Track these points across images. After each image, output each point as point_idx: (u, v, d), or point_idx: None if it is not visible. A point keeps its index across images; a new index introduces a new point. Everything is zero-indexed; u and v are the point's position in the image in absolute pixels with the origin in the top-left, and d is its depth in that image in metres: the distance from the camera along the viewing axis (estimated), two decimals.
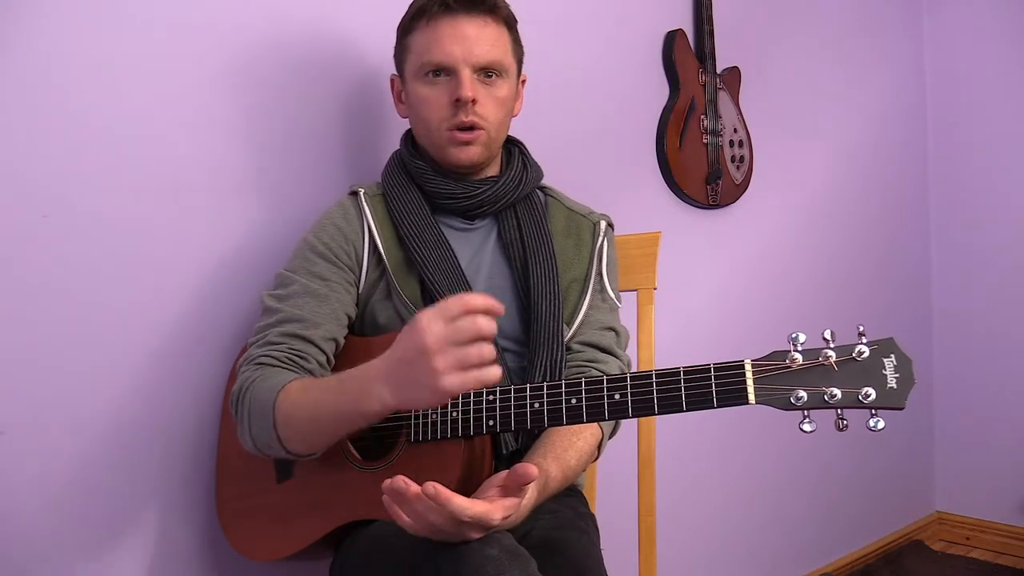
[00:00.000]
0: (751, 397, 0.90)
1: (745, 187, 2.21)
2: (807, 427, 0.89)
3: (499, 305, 0.90)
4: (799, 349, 0.90)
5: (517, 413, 1.00)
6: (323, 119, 1.44)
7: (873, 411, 0.87)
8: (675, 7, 2.07)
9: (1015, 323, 2.68)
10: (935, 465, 2.90)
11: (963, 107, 2.79)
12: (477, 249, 1.26)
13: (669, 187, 2.06)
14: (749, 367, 0.91)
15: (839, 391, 0.88)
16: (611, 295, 1.29)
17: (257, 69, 1.37)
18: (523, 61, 1.30)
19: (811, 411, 0.89)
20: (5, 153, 1.13)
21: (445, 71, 1.20)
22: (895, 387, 0.87)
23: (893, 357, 0.88)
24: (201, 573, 1.32)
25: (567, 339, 1.21)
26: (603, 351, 1.24)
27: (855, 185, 2.59)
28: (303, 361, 1.12)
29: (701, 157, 2.09)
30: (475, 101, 1.19)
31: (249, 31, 1.36)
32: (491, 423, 1.01)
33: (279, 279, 1.21)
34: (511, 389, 1.00)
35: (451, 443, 1.04)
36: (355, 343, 1.21)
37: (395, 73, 1.30)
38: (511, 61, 1.24)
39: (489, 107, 1.21)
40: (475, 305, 0.89)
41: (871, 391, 0.87)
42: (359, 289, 1.22)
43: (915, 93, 2.83)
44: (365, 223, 1.24)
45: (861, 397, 0.87)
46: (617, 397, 0.96)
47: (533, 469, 0.91)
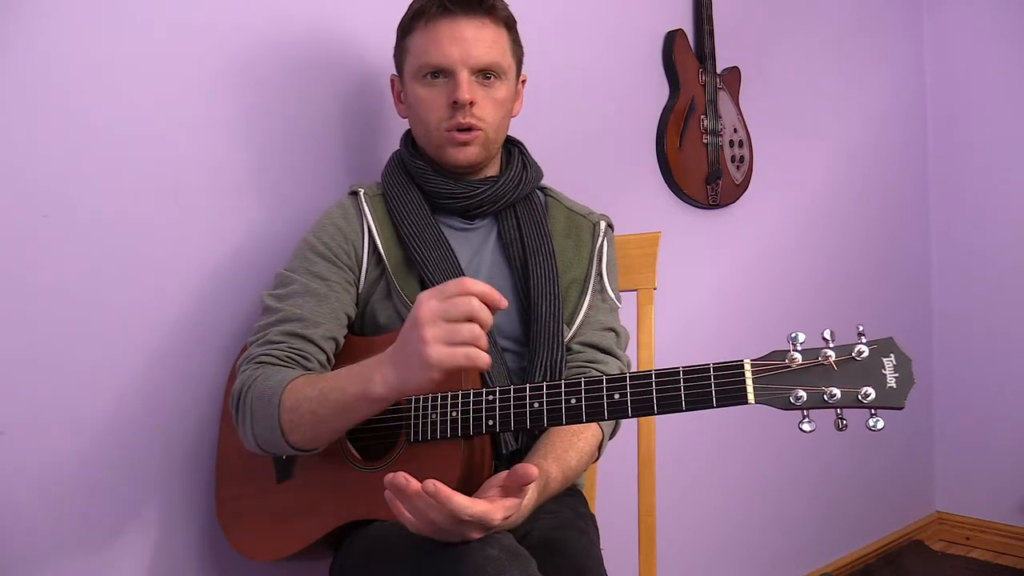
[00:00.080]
0: (750, 397, 0.90)
1: (745, 187, 2.21)
2: (806, 427, 0.89)
3: (498, 295, 0.91)
4: (799, 349, 0.90)
5: (517, 413, 1.00)
6: (323, 119, 1.44)
7: (873, 411, 0.87)
8: (675, 7, 2.07)
9: (1015, 323, 2.68)
10: (935, 465, 2.90)
11: (963, 107, 2.79)
12: (477, 249, 1.26)
13: (669, 187, 2.06)
14: (748, 367, 0.90)
15: (838, 391, 0.87)
16: (611, 295, 1.29)
17: (257, 69, 1.37)
18: (523, 61, 1.30)
19: (811, 411, 0.89)
20: (5, 153, 1.13)
21: (443, 73, 1.20)
22: (895, 387, 0.87)
23: (893, 357, 0.88)
24: (201, 573, 1.32)
25: (567, 339, 1.21)
26: (603, 351, 1.24)
27: (855, 185, 2.59)
28: (304, 360, 1.13)
29: (701, 157, 2.09)
30: (473, 103, 1.19)
31: (249, 31, 1.36)
32: (491, 423, 1.01)
33: (279, 279, 1.22)
34: (511, 389, 1.00)
35: (451, 443, 1.03)
36: (356, 343, 1.21)
37: (395, 73, 1.30)
38: (510, 62, 1.24)
39: (487, 108, 1.21)
40: (473, 288, 0.90)
41: (871, 391, 0.87)
42: (359, 289, 1.22)
43: (915, 93, 2.83)
44: (365, 223, 1.24)
45: (861, 397, 0.87)
46: (616, 397, 0.96)
47: (533, 469, 0.91)
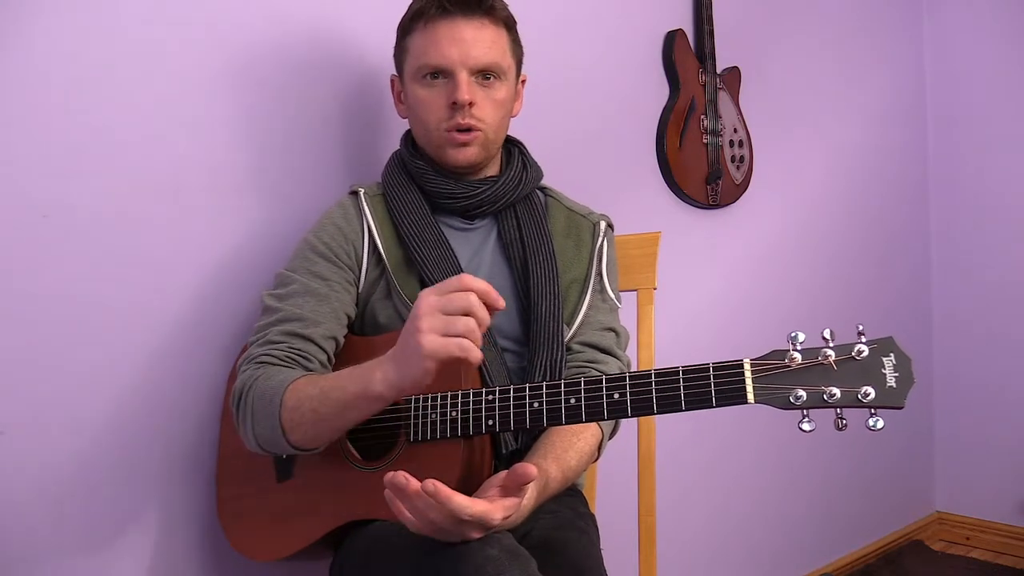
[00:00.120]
0: (750, 396, 0.90)
1: (745, 187, 2.21)
2: (806, 426, 0.89)
3: (497, 294, 0.92)
4: (798, 348, 0.90)
5: (516, 413, 1.00)
6: (323, 119, 1.44)
7: (872, 410, 0.87)
8: (675, 7, 2.07)
9: (1015, 323, 2.68)
10: (935, 465, 2.90)
11: (963, 107, 2.79)
12: (477, 249, 1.26)
13: (669, 187, 2.06)
14: (748, 366, 0.90)
15: (838, 390, 0.87)
16: (611, 295, 1.29)
17: (257, 69, 1.37)
18: (523, 61, 1.30)
19: (810, 410, 0.89)
20: (5, 153, 1.13)
21: (442, 73, 1.20)
22: (894, 386, 0.87)
23: (892, 356, 0.88)
24: (201, 573, 1.32)
25: (567, 339, 1.21)
26: (603, 351, 1.24)
27: (855, 185, 2.59)
28: (304, 360, 1.13)
29: (701, 157, 2.09)
30: (472, 104, 1.19)
31: (249, 31, 1.36)
32: (491, 423, 1.01)
33: (279, 279, 1.22)
34: (510, 389, 1.00)
35: (451, 443, 1.03)
36: (356, 343, 1.21)
37: (395, 74, 1.30)
38: (509, 62, 1.24)
39: (487, 109, 1.21)
40: (472, 284, 0.91)
41: (870, 390, 0.87)
42: (359, 288, 1.22)
43: (915, 93, 2.83)
44: (365, 223, 1.24)
45: (860, 396, 0.87)
46: (616, 396, 0.96)
47: (532, 469, 0.91)
